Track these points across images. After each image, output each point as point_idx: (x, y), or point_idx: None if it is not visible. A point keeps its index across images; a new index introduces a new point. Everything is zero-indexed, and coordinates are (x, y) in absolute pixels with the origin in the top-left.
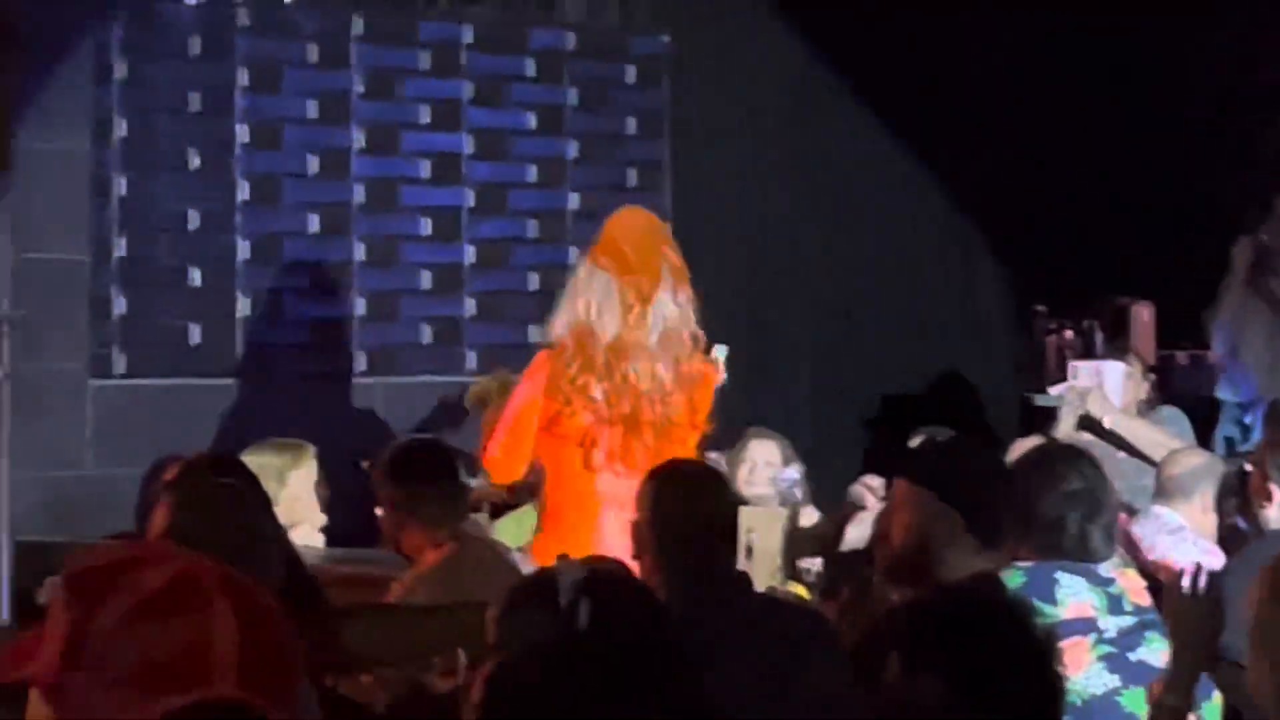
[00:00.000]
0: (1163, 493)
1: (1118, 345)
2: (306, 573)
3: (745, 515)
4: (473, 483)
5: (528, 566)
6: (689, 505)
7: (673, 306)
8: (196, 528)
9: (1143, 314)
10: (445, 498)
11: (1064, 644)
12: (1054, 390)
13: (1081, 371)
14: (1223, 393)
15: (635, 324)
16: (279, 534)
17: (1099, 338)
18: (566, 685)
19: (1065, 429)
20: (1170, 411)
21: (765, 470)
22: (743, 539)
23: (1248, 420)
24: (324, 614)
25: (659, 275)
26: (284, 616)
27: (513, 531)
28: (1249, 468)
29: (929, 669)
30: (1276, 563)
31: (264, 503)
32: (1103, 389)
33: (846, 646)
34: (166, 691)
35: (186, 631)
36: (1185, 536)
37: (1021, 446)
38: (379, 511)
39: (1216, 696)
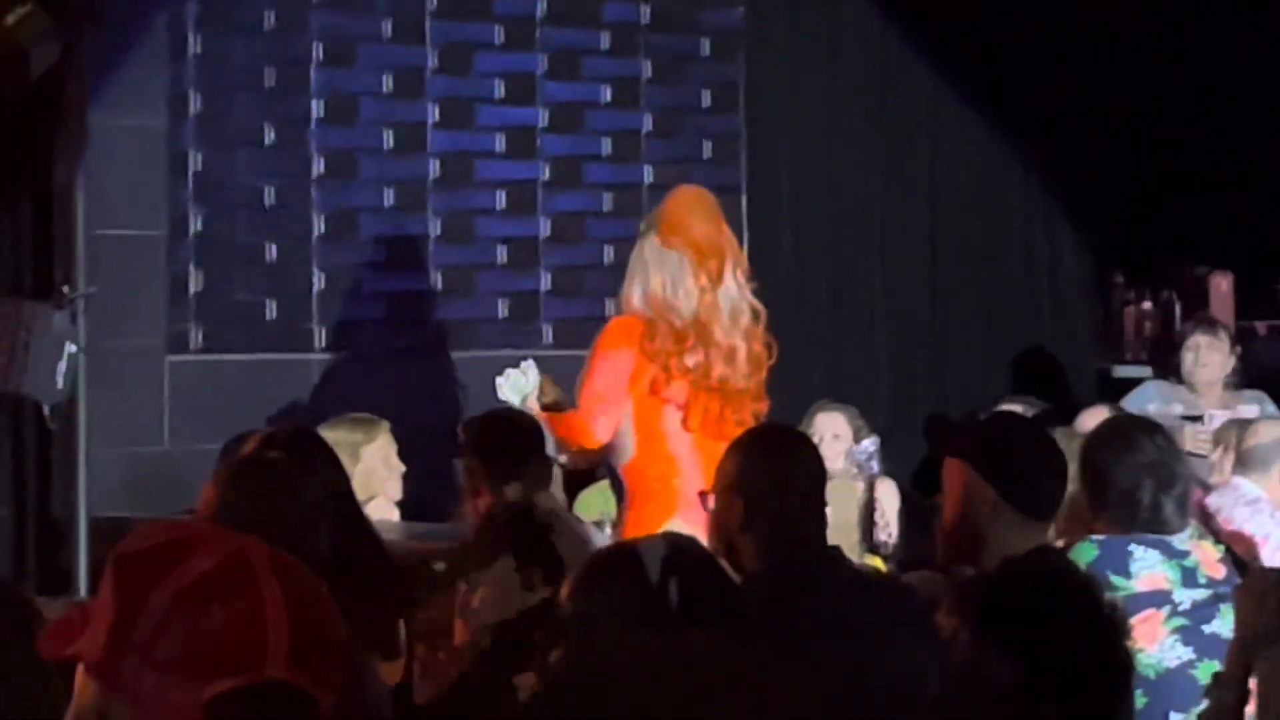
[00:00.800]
0: (1241, 464)
1: (1198, 316)
2: (373, 545)
3: None
4: None
5: (603, 540)
6: (780, 473)
7: (734, 284)
8: (237, 506)
9: (1221, 284)
10: (518, 470)
11: (1137, 617)
12: (1187, 442)
13: (1217, 419)
14: None
15: (710, 304)
16: (337, 506)
17: (1177, 308)
18: (657, 667)
19: None
20: (1273, 408)
21: (834, 443)
22: None
23: None
24: (382, 589)
25: (725, 255)
26: (330, 597)
27: (598, 504)
28: None
29: (1000, 645)
30: None
31: (326, 476)
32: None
33: None
34: (218, 674)
35: (236, 615)
36: (1262, 508)
37: (1089, 416)
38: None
39: None
